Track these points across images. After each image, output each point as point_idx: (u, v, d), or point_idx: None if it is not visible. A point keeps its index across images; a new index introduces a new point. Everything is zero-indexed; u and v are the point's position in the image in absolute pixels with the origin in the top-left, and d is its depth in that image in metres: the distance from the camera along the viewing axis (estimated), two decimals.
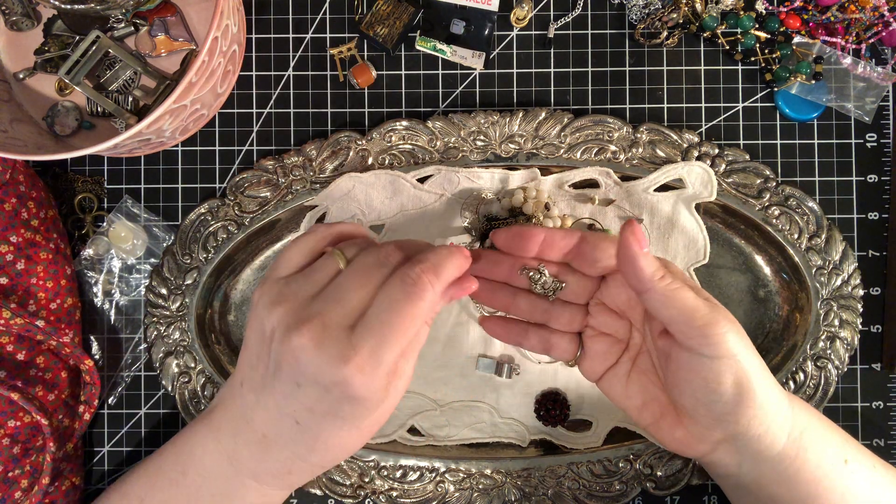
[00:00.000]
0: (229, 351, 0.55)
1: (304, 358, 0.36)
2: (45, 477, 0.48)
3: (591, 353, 0.45)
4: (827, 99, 0.54)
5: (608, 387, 0.45)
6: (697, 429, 0.41)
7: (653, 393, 0.43)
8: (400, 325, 0.37)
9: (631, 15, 0.54)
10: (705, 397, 0.39)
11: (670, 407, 0.43)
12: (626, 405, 0.44)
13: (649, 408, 0.43)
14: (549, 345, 0.45)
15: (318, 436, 0.39)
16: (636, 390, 0.44)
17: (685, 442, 0.42)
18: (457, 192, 0.54)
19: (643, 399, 0.44)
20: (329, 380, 0.36)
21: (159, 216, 0.55)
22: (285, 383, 0.38)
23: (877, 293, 0.55)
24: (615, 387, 0.44)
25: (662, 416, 0.43)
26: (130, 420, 0.55)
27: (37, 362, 0.51)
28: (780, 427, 0.41)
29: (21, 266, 0.50)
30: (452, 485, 0.54)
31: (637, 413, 0.44)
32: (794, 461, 0.42)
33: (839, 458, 0.43)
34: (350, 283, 0.39)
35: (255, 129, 0.55)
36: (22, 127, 0.52)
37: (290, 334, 0.37)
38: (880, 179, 0.55)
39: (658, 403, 0.43)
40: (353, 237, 0.44)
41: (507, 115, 0.53)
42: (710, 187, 0.52)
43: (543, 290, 0.44)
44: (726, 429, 0.40)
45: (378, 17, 0.54)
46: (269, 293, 0.39)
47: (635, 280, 0.39)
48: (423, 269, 0.38)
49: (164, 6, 0.53)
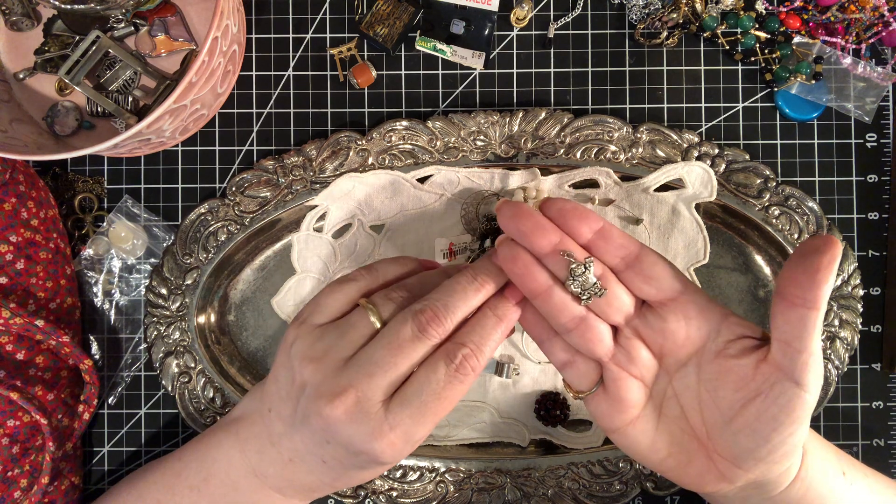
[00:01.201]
0: (229, 351, 0.55)
1: (336, 428, 0.37)
2: (44, 476, 0.48)
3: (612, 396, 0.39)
4: (827, 99, 0.54)
5: (630, 441, 0.39)
6: (734, 471, 0.38)
7: (681, 441, 0.39)
8: (438, 408, 0.36)
9: (631, 15, 0.54)
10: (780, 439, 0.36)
11: (701, 452, 0.39)
12: (648, 458, 0.40)
13: (675, 457, 0.39)
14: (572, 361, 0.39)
15: (342, 475, 0.41)
16: (664, 441, 0.39)
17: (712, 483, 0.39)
18: (457, 192, 0.53)
19: (669, 450, 0.39)
20: (359, 449, 0.37)
21: (159, 216, 0.55)
22: (315, 435, 0.38)
23: (877, 293, 0.55)
24: (640, 442, 0.39)
25: (690, 463, 0.39)
26: (130, 420, 0.55)
27: (36, 362, 0.51)
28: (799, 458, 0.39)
29: (21, 266, 0.50)
30: (452, 485, 0.54)
31: (661, 464, 0.39)
32: (801, 483, 0.40)
33: (838, 471, 0.42)
34: (385, 355, 0.37)
35: (255, 129, 0.55)
36: (22, 127, 0.52)
37: (322, 402, 0.37)
38: (880, 179, 0.55)
39: (686, 451, 0.39)
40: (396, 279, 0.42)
41: (507, 115, 0.53)
42: (710, 187, 0.52)
43: (581, 289, 0.36)
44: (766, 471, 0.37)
45: (378, 17, 0.54)
46: (303, 343, 0.39)
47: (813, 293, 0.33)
48: (467, 355, 0.36)
49: (164, 6, 0.53)
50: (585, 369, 0.39)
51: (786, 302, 0.34)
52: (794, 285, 0.34)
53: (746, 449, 0.37)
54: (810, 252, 0.33)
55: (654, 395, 0.39)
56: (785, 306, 0.34)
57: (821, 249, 0.33)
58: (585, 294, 0.36)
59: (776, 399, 0.35)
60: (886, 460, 0.55)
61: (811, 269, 0.33)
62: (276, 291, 0.55)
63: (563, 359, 0.40)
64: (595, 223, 0.36)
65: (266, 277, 0.55)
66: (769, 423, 0.36)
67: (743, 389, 0.36)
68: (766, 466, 0.37)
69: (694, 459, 0.39)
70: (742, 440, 0.37)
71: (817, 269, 0.33)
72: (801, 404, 0.35)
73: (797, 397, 0.35)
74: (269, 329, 0.55)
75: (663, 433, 0.39)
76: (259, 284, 0.55)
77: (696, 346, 0.38)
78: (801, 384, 0.35)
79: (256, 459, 0.42)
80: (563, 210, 0.36)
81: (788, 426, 0.36)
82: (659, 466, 0.40)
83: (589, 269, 0.36)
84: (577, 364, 0.39)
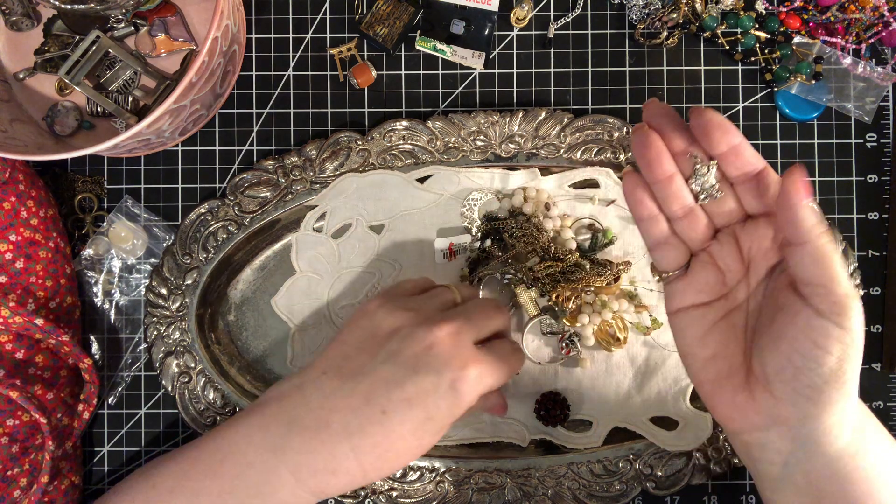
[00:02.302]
0: (229, 351, 0.55)
1: (440, 347, 0.42)
2: (43, 476, 0.48)
3: (692, 277, 0.41)
4: (827, 99, 0.54)
5: (687, 324, 0.42)
6: (766, 398, 0.39)
7: (730, 350, 0.41)
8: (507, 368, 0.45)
9: (631, 15, 0.54)
10: (804, 362, 0.37)
11: (741, 370, 0.40)
12: (695, 351, 0.41)
13: (717, 363, 0.41)
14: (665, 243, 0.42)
15: (391, 432, 0.41)
16: (715, 340, 0.41)
17: (743, 409, 0.40)
18: (457, 192, 0.54)
19: (715, 351, 0.41)
20: (449, 373, 0.41)
21: (159, 216, 0.55)
22: (399, 369, 0.42)
23: (877, 293, 0.55)
24: (693, 327, 0.41)
25: (728, 377, 0.40)
26: (130, 420, 0.55)
27: (36, 361, 0.51)
28: (848, 422, 0.38)
29: (20, 265, 0.50)
30: (452, 485, 0.54)
31: (702, 364, 0.41)
32: (852, 459, 0.39)
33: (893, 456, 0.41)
34: (479, 312, 0.46)
35: (255, 129, 0.55)
36: (22, 127, 0.52)
37: (430, 326, 0.43)
38: (880, 179, 0.55)
39: (729, 363, 0.40)
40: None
41: (507, 115, 0.53)
42: None
43: (701, 188, 0.40)
44: (798, 406, 0.38)
45: (378, 17, 0.54)
46: (392, 303, 0.45)
47: (793, 230, 0.36)
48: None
49: (164, 6, 0.53)
50: (675, 253, 0.42)
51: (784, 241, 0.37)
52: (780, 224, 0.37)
53: (774, 368, 0.38)
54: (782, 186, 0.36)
55: (729, 298, 0.41)
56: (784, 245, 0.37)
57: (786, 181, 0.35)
58: (704, 193, 0.40)
59: (794, 317, 0.37)
60: None
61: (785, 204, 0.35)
62: (276, 291, 0.55)
63: (658, 238, 0.42)
64: (734, 138, 0.38)
65: (266, 277, 0.55)
66: (791, 342, 0.37)
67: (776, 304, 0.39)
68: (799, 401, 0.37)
69: (733, 374, 0.40)
70: (768, 357, 0.38)
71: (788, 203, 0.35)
72: (821, 331, 0.36)
73: (814, 321, 0.36)
74: (269, 329, 0.55)
75: (719, 332, 0.41)
76: (259, 284, 0.55)
77: (775, 259, 0.40)
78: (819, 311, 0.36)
79: (282, 433, 0.42)
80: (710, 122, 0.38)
81: (812, 350, 0.36)
82: (700, 369, 0.41)
83: (711, 171, 0.39)
84: (668, 246, 0.42)
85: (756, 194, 0.39)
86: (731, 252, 0.41)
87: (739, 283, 0.41)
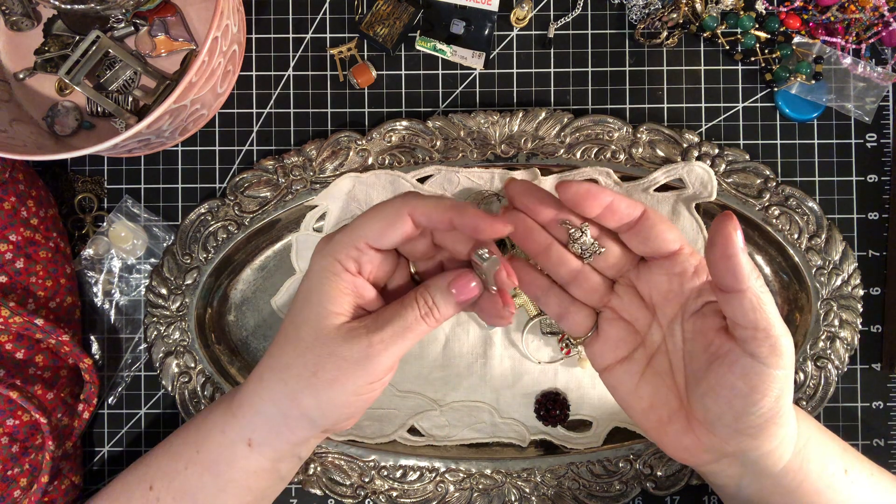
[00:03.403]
0: (229, 351, 0.55)
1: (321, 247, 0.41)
2: (43, 476, 0.48)
3: (604, 336, 0.43)
4: (827, 99, 0.54)
5: (616, 381, 0.43)
6: (710, 439, 0.40)
7: (664, 396, 0.42)
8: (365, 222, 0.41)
9: (631, 15, 0.54)
10: (745, 406, 0.38)
11: (681, 413, 0.41)
12: (631, 403, 0.43)
13: (656, 410, 0.42)
14: (567, 312, 0.43)
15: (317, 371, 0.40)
16: (647, 391, 0.42)
17: (691, 450, 0.41)
18: (457, 192, 0.54)
19: (652, 401, 0.42)
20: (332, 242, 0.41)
21: (159, 216, 0.55)
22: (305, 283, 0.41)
23: (877, 293, 0.55)
24: (624, 382, 0.43)
25: (670, 422, 0.41)
26: (130, 420, 0.55)
27: (36, 361, 0.51)
28: (789, 442, 0.40)
29: (20, 265, 0.50)
30: (452, 485, 0.54)
31: (642, 414, 0.42)
32: (797, 474, 0.41)
33: (840, 468, 0.43)
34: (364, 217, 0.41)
35: (255, 129, 0.55)
36: (22, 127, 0.52)
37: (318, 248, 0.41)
38: (880, 179, 0.55)
39: (667, 409, 0.42)
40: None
41: (507, 115, 0.53)
42: (710, 187, 0.52)
43: (581, 249, 0.41)
44: (741, 443, 0.39)
45: (378, 17, 0.54)
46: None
47: (731, 278, 0.36)
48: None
49: (164, 6, 0.53)
50: (580, 318, 0.43)
51: (716, 288, 0.37)
52: (715, 273, 0.37)
53: (715, 414, 0.39)
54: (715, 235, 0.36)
55: (646, 345, 0.43)
56: (718, 292, 0.37)
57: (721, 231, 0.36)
58: (587, 253, 0.41)
59: (731, 366, 0.38)
60: (886, 460, 0.55)
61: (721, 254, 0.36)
62: (276, 291, 0.55)
63: (559, 310, 0.43)
64: (604, 199, 0.40)
65: (266, 277, 0.55)
66: (730, 390, 0.38)
67: (708, 351, 0.39)
68: (741, 439, 0.39)
69: (674, 419, 0.41)
70: (709, 403, 0.39)
71: (725, 254, 0.36)
72: (760, 376, 0.37)
73: (752, 368, 0.37)
74: (269, 329, 0.55)
75: (648, 382, 0.42)
76: (259, 284, 0.55)
77: (679, 301, 0.41)
78: (756, 357, 0.37)
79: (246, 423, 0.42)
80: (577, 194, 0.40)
81: (750, 395, 0.37)
82: (641, 419, 0.42)
83: (585, 232, 0.41)
84: (571, 314, 0.43)
85: (641, 239, 0.40)
86: (633, 301, 0.42)
87: (650, 328, 0.42)
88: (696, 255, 0.40)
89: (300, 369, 0.40)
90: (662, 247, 0.40)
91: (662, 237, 0.40)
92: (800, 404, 0.53)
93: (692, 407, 0.40)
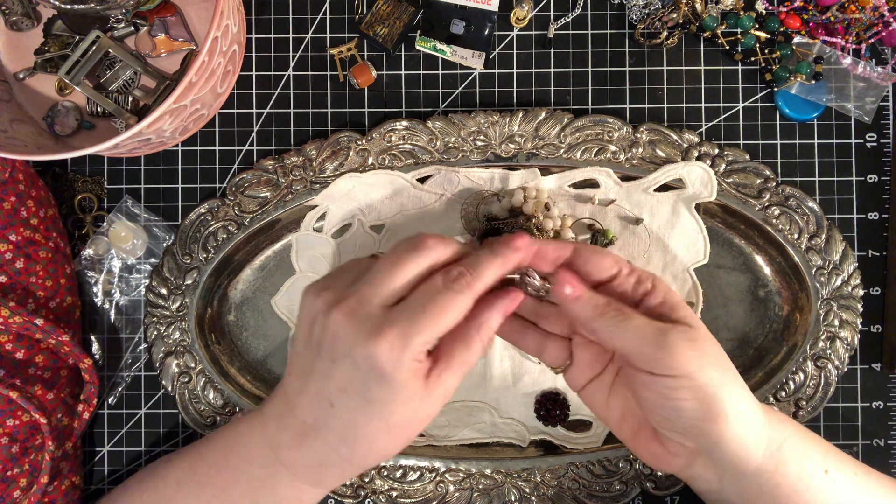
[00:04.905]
0: (229, 351, 0.55)
1: (340, 331, 0.39)
2: (43, 476, 0.48)
3: (578, 360, 0.45)
4: (827, 99, 0.54)
5: (590, 397, 0.45)
6: (671, 444, 0.42)
7: (632, 406, 0.44)
8: (434, 312, 0.38)
9: (631, 15, 0.54)
10: (667, 414, 0.40)
11: (647, 421, 0.43)
12: (606, 416, 0.45)
13: (628, 421, 0.44)
14: (543, 348, 0.46)
15: (349, 422, 0.40)
16: (617, 402, 0.44)
17: (661, 457, 0.43)
18: (457, 192, 0.54)
19: (622, 411, 0.44)
20: (360, 353, 0.38)
21: (159, 216, 0.55)
22: (324, 361, 0.40)
23: (877, 293, 0.55)
24: (597, 397, 0.45)
25: (640, 430, 0.44)
26: (130, 420, 0.55)
27: (36, 361, 0.51)
28: (755, 441, 0.41)
29: (20, 265, 0.50)
30: (452, 485, 0.54)
31: (617, 425, 0.45)
32: (773, 475, 0.42)
33: (819, 469, 0.43)
34: (386, 266, 0.40)
35: (255, 129, 0.55)
36: (22, 127, 0.52)
37: (330, 311, 0.39)
38: (880, 179, 0.55)
39: (636, 417, 0.44)
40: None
41: (507, 115, 0.53)
42: (710, 187, 0.52)
43: (534, 291, 0.44)
44: (697, 442, 0.41)
45: (378, 17, 0.54)
46: (316, 285, 0.42)
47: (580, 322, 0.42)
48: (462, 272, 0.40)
49: (164, 6, 0.53)
50: (557, 350, 0.46)
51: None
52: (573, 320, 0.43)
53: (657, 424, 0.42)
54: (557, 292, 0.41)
55: (614, 360, 0.45)
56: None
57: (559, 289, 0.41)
58: (541, 292, 0.44)
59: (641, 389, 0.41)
60: (886, 460, 0.55)
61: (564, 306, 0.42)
62: (276, 291, 0.55)
63: (537, 348, 0.46)
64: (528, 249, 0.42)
65: (266, 277, 0.55)
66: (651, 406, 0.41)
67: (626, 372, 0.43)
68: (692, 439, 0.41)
69: (644, 428, 0.44)
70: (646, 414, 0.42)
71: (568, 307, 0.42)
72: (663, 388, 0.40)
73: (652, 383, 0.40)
74: (269, 329, 0.55)
75: (618, 395, 0.44)
76: (259, 284, 0.55)
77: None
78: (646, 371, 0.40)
79: (275, 430, 0.42)
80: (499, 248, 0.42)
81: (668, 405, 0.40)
82: (618, 431, 0.45)
83: (532, 276, 0.43)
84: (548, 348, 0.46)
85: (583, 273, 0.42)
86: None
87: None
88: (635, 271, 0.43)
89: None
90: (602, 275, 0.42)
91: (599, 267, 0.42)
92: (799, 404, 0.53)
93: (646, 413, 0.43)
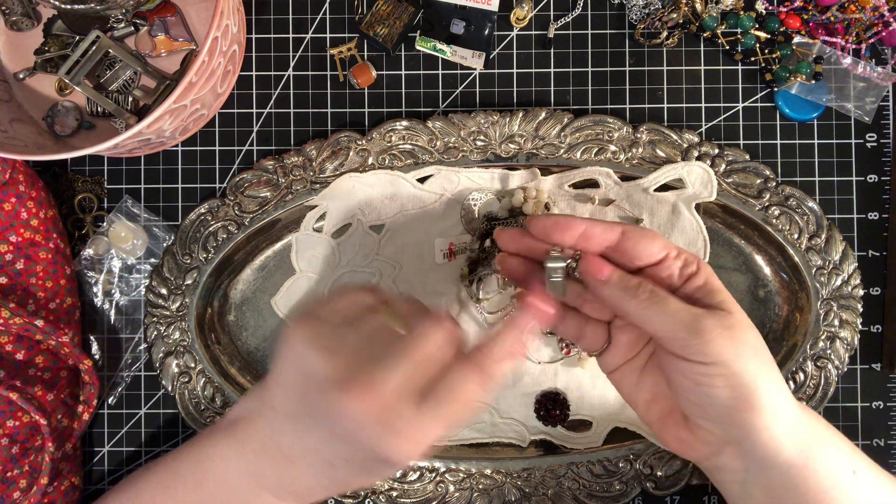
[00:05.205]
0: (229, 351, 0.55)
1: (357, 426, 0.35)
2: (43, 477, 0.48)
3: (616, 343, 0.44)
4: (827, 99, 0.54)
5: (620, 379, 0.45)
6: (700, 431, 0.42)
7: (663, 389, 0.43)
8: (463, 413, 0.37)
9: (631, 15, 0.54)
10: (699, 400, 0.40)
11: (676, 406, 0.43)
12: (635, 398, 0.44)
13: (658, 403, 0.43)
14: (582, 332, 0.45)
15: (347, 480, 0.40)
16: (648, 384, 0.44)
17: (688, 443, 0.43)
18: (457, 192, 0.53)
19: (653, 393, 0.44)
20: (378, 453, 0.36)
21: (159, 216, 0.55)
22: (327, 432, 0.37)
23: (877, 293, 0.55)
24: (627, 378, 0.44)
25: (669, 415, 0.43)
26: (130, 420, 0.55)
27: (36, 362, 0.51)
28: (787, 434, 0.41)
29: (20, 266, 0.50)
30: (452, 485, 0.54)
31: (645, 407, 0.44)
32: (802, 470, 0.42)
33: (848, 468, 0.43)
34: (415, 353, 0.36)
35: (255, 129, 0.55)
36: (22, 127, 0.52)
37: (345, 395, 0.35)
38: (880, 179, 0.55)
39: (667, 400, 0.43)
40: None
41: (507, 115, 0.53)
42: (710, 187, 0.52)
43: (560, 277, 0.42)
44: (728, 431, 0.40)
45: (378, 17, 0.54)
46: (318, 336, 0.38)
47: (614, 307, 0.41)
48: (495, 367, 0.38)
49: (164, 6, 0.53)
50: (596, 335, 0.45)
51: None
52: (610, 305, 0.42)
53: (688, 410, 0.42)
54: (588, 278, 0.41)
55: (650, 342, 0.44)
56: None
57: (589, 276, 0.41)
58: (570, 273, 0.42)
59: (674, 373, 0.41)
60: (886, 460, 0.55)
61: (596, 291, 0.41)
62: (276, 291, 0.55)
63: (576, 333, 0.45)
64: (577, 229, 0.41)
65: (266, 277, 0.55)
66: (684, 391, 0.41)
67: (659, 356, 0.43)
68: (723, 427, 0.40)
69: (674, 412, 0.43)
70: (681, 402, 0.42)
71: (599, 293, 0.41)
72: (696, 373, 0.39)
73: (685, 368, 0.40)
74: (269, 329, 0.55)
75: (649, 378, 0.44)
76: (259, 284, 0.55)
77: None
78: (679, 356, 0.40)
79: (253, 460, 0.41)
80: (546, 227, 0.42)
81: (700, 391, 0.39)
82: (645, 413, 0.44)
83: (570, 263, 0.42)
84: (588, 332, 0.45)
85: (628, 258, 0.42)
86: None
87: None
88: (682, 254, 0.42)
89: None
90: (649, 260, 0.41)
91: (648, 251, 0.41)
92: None
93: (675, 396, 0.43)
